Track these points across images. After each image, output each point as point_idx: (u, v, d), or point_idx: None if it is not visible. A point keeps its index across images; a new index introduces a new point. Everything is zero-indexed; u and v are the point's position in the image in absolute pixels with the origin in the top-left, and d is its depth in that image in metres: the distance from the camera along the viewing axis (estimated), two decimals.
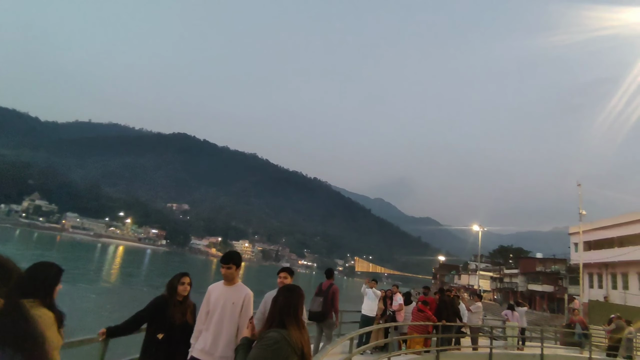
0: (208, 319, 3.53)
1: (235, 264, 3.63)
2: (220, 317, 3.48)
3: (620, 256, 30.85)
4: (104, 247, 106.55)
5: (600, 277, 35.36)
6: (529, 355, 10.98)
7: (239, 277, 3.74)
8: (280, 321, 2.42)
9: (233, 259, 3.62)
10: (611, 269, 33.49)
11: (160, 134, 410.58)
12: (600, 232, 34.79)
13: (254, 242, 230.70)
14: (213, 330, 3.45)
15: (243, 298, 3.58)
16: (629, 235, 30.88)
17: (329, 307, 6.88)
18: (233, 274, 3.62)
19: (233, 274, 3.62)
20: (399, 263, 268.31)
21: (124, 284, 38.89)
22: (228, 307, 3.51)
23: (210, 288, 3.69)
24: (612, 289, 33.19)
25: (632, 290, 30.50)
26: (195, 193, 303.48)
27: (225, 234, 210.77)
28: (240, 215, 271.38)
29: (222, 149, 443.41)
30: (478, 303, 11.60)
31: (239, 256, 3.75)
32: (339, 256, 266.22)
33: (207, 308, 3.59)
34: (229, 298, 3.55)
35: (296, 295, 2.59)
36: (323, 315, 6.80)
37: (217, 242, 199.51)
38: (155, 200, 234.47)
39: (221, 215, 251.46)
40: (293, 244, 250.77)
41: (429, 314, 8.47)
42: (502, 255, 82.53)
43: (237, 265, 3.65)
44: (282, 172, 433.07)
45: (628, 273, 31.51)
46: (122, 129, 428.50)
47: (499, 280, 66.62)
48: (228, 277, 3.61)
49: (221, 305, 3.52)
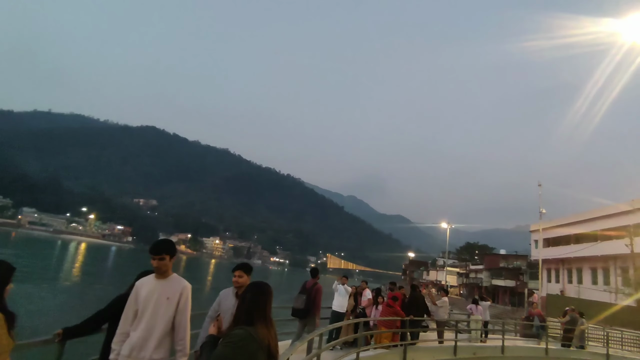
0: (137, 319, 3.09)
1: (169, 254, 3.21)
2: (153, 315, 3.07)
3: (575, 252, 32.75)
4: (64, 244, 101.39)
5: (557, 272, 37.43)
6: (491, 347, 11.47)
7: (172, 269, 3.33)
8: (248, 318, 2.39)
9: (165, 249, 3.19)
10: (567, 264, 35.52)
11: (127, 127, 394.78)
12: (558, 230, 36.79)
13: (225, 238, 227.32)
14: (143, 331, 3.03)
15: (180, 292, 3.18)
16: (583, 232, 32.81)
17: (312, 305, 7.13)
18: (166, 265, 3.18)
19: (166, 265, 3.18)
20: (370, 259, 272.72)
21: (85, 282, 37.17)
22: (162, 303, 3.11)
23: (138, 284, 3.24)
24: (568, 283, 35.23)
25: (586, 284, 32.50)
26: (165, 188, 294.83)
27: (195, 231, 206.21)
28: (211, 212, 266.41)
29: (193, 143, 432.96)
30: (444, 298, 11.98)
31: (172, 245, 3.33)
32: (312, 253, 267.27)
33: (135, 307, 3.14)
34: (163, 293, 3.13)
35: (264, 293, 2.56)
36: (306, 313, 7.08)
37: (186, 238, 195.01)
38: (121, 196, 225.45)
39: (191, 212, 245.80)
40: (265, 240, 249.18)
41: (398, 309, 8.66)
42: (469, 251, 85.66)
43: (171, 256, 3.23)
44: (255, 168, 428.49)
45: (582, 268, 33.54)
46: (85, 120, 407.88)
47: (465, 276, 69.14)
48: (160, 269, 3.16)
49: (154, 301, 3.10)
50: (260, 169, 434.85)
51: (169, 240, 3.42)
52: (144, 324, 3.05)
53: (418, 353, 9.26)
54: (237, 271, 3.99)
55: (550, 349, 12.38)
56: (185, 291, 3.21)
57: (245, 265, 4.08)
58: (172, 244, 3.36)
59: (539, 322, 14.25)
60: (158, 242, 3.29)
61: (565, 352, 12.83)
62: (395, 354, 8.59)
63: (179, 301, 3.17)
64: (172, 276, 3.26)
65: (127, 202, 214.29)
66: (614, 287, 27.36)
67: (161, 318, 3.08)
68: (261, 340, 2.33)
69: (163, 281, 3.20)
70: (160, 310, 3.10)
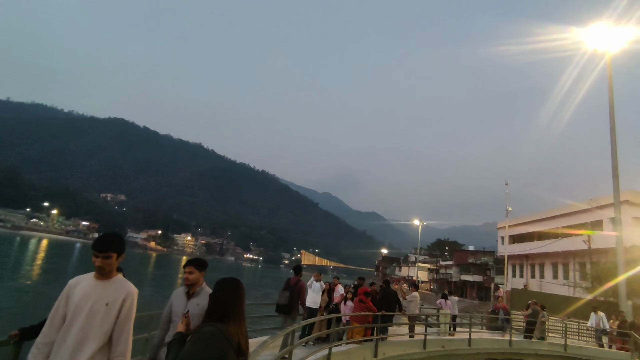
0: (65, 327, 2.47)
1: (117, 252, 2.60)
2: (86, 324, 2.43)
3: (538, 249, 34.42)
4: (24, 240, 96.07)
5: (522, 267, 39.19)
6: (458, 340, 11.86)
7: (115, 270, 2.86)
8: (220, 315, 2.35)
9: (113, 245, 2.58)
10: (531, 260, 37.27)
11: (94, 118, 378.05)
12: (523, 227, 38.51)
13: (197, 235, 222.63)
14: (72, 343, 2.40)
15: (123, 298, 2.57)
16: (545, 230, 34.50)
17: (295, 301, 7.41)
18: (111, 264, 2.58)
19: (111, 264, 2.58)
20: (344, 256, 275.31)
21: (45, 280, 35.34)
22: (99, 309, 2.48)
23: (72, 282, 2.63)
24: (531, 278, 36.98)
25: (547, 278, 34.23)
26: (134, 183, 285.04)
27: (166, 227, 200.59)
28: (183, 208, 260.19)
29: (164, 137, 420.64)
30: (414, 293, 12.26)
31: (121, 241, 2.68)
32: (286, 249, 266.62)
33: (63, 310, 2.52)
34: (102, 297, 2.51)
35: (236, 289, 2.51)
36: (289, 308, 7.34)
37: (156, 235, 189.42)
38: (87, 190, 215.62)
39: (162, 207, 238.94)
40: (239, 237, 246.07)
41: (370, 304, 8.79)
42: (439, 248, 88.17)
43: (119, 254, 2.62)
44: (228, 163, 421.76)
45: (544, 264, 35.29)
46: (47, 110, 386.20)
47: (435, 272, 71.17)
48: (104, 270, 2.56)
49: (89, 307, 2.47)
50: (234, 164, 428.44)
51: (116, 234, 2.74)
52: (73, 334, 2.44)
53: (389, 347, 9.44)
54: (187, 267, 3.52)
55: (514, 341, 12.94)
56: (129, 297, 2.60)
57: (197, 261, 3.63)
58: (120, 239, 2.70)
59: (504, 315, 14.87)
60: (104, 237, 2.66)
61: (527, 343, 13.46)
62: (367, 349, 8.71)
63: (120, 309, 2.55)
64: (116, 278, 2.65)
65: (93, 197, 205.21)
66: (572, 281, 28.95)
67: (97, 328, 2.47)
68: (232, 337, 2.29)
69: (104, 283, 2.58)
70: (96, 318, 2.48)
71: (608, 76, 18.48)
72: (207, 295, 3.21)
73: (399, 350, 9.82)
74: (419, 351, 10.30)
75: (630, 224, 23.88)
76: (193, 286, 3.49)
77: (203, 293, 3.44)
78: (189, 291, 3.51)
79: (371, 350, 8.74)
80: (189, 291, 3.51)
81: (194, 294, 3.48)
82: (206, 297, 3.19)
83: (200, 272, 3.55)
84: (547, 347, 13.49)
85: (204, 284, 3.56)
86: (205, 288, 3.51)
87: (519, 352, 13.46)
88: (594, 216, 28.72)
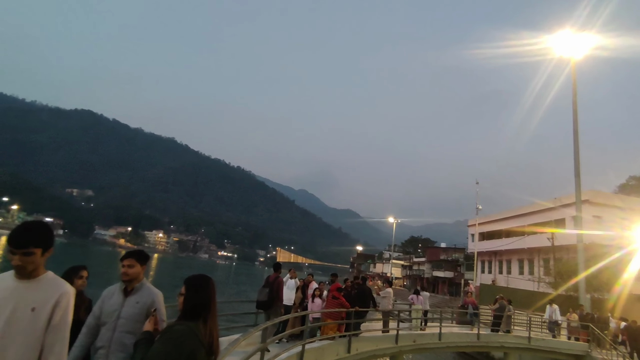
0: None
1: (41, 246, 2.07)
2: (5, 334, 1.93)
3: (506, 245, 35.77)
4: None
5: (490, 263, 40.61)
6: (429, 334, 12.17)
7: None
8: (192, 313, 2.30)
9: (35, 239, 2.07)
10: (499, 256, 38.68)
11: (60, 109, 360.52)
12: (491, 225, 39.87)
13: (169, 232, 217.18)
14: None
15: (56, 300, 2.06)
16: (512, 227, 35.89)
17: (274, 297, 7.59)
18: (35, 262, 2.06)
19: (35, 262, 2.06)
20: (320, 253, 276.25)
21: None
22: (22, 315, 1.98)
23: None
24: (499, 274, 38.40)
25: (514, 274, 35.65)
26: (103, 178, 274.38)
27: (136, 224, 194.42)
28: (155, 204, 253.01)
29: (135, 130, 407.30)
30: (388, 289, 12.47)
31: (47, 232, 2.14)
32: (261, 247, 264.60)
33: None
34: (26, 301, 2.01)
35: (207, 286, 2.46)
36: (269, 304, 7.54)
37: (126, 232, 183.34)
38: (52, 185, 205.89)
39: (133, 203, 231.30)
40: (213, 234, 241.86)
41: (343, 301, 8.87)
42: (413, 245, 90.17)
43: (45, 249, 2.10)
44: (203, 159, 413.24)
45: (511, 260, 36.73)
46: (8, 99, 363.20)
47: (408, 268, 72.65)
48: (24, 269, 2.04)
49: (8, 312, 1.97)
50: (208, 160, 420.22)
51: (40, 223, 2.17)
52: None
53: (362, 343, 9.55)
54: (127, 260, 3.02)
55: (482, 334, 13.43)
56: (64, 299, 2.09)
57: (138, 253, 3.12)
58: (46, 229, 2.15)
59: (473, 310, 15.39)
60: (23, 228, 2.10)
61: (494, 336, 13.99)
62: (340, 345, 8.78)
63: (52, 314, 2.04)
64: (44, 277, 2.12)
65: (58, 192, 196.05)
66: (537, 276, 30.29)
67: (20, 339, 1.96)
68: (202, 336, 2.24)
69: (28, 284, 2.06)
70: (19, 327, 1.97)
71: (572, 82, 19.39)
72: (148, 292, 3.03)
73: (372, 345, 9.96)
74: (391, 346, 10.49)
75: (591, 222, 25.20)
76: (132, 282, 3.01)
77: (144, 290, 3.04)
78: (126, 288, 3.01)
79: (344, 346, 8.82)
80: (126, 288, 3.01)
81: (132, 290, 3.00)
82: (148, 295, 3.02)
83: (142, 265, 3.08)
84: (512, 339, 14.07)
85: (144, 280, 3.12)
86: (146, 284, 3.10)
87: (486, 344, 14.00)
88: (558, 214, 30.07)
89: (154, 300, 3.02)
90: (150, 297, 3.02)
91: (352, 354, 8.93)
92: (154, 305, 2.97)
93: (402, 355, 11.97)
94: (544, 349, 14.60)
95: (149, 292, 3.06)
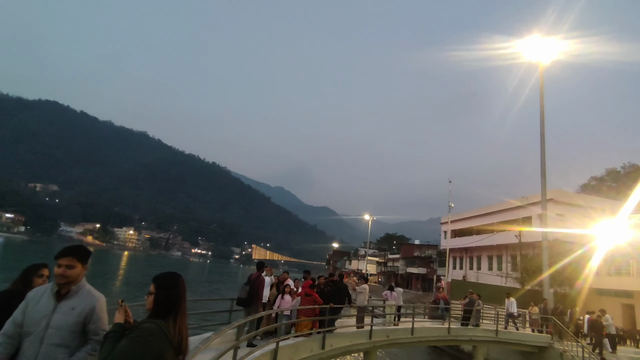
0: None
1: None
2: None
3: (476, 242, 36.96)
4: None
5: (462, 259, 41.87)
6: (402, 329, 12.41)
7: None
8: (162, 312, 2.23)
9: None
10: (470, 253, 39.92)
11: (21, 99, 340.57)
12: (463, 222, 41.10)
13: (140, 229, 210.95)
14: None
15: None
16: (482, 225, 37.13)
17: (254, 295, 7.73)
18: None
19: None
20: (296, 250, 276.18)
21: None
22: None
23: None
24: (469, 270, 39.65)
25: (483, 270, 36.91)
26: (70, 173, 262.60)
27: (105, 221, 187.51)
28: (125, 200, 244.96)
29: (104, 123, 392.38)
30: (364, 285, 12.61)
31: None
32: (236, 244, 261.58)
33: None
34: None
35: (177, 284, 2.38)
36: (248, 302, 7.67)
37: (94, 228, 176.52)
38: (13, 179, 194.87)
39: (102, 200, 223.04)
40: (186, 231, 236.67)
41: (316, 297, 8.89)
42: (388, 242, 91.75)
43: None
44: (176, 154, 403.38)
45: (481, 256, 37.99)
46: None
47: (383, 265, 73.82)
48: None
49: None
50: (182, 155, 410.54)
51: None
52: None
53: (336, 339, 9.60)
54: (64, 258, 2.47)
55: (452, 328, 13.83)
56: None
57: (77, 250, 2.55)
58: None
59: (444, 305, 15.81)
60: None
61: (464, 330, 14.46)
62: (315, 341, 8.79)
63: None
64: None
65: (20, 187, 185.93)
66: (505, 272, 31.48)
67: None
68: (171, 335, 2.18)
69: None
70: None
71: (540, 86, 20.20)
72: (88, 297, 2.50)
73: (346, 341, 10.04)
74: (365, 341, 10.61)
75: (555, 220, 26.41)
76: (68, 284, 2.47)
77: (82, 293, 2.50)
78: (59, 291, 2.46)
79: (319, 343, 8.84)
80: (59, 291, 2.46)
81: (67, 294, 2.46)
82: (87, 299, 2.48)
83: (83, 265, 2.53)
84: (481, 332, 14.58)
85: (83, 282, 2.56)
86: (85, 287, 2.54)
87: (456, 338, 14.43)
88: (525, 213, 31.33)
89: (94, 307, 2.47)
90: (89, 303, 2.47)
91: (327, 350, 8.97)
92: (95, 313, 2.45)
93: (376, 350, 12.15)
94: (510, 341, 15.23)
95: (89, 297, 2.50)
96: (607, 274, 21.47)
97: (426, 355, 21.22)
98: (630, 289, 20.19)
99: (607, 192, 38.92)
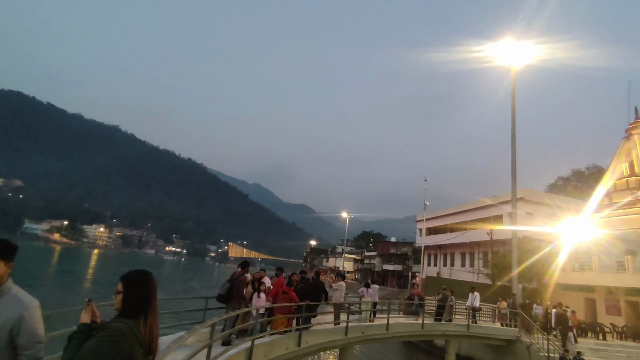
0: None
1: None
2: None
3: (449, 240, 37.92)
4: None
5: (436, 257, 42.81)
6: (377, 325, 12.59)
7: None
8: (131, 311, 2.15)
9: None
10: (444, 250, 40.88)
11: None
12: (437, 220, 42.03)
13: (112, 226, 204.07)
14: None
15: None
16: (456, 223, 38.10)
17: (234, 292, 7.89)
18: None
19: None
20: (273, 248, 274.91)
21: None
22: None
23: None
24: (443, 266, 40.61)
25: (457, 266, 37.91)
26: (36, 168, 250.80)
27: (74, 217, 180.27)
28: (96, 196, 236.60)
29: (73, 116, 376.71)
30: (341, 282, 12.70)
31: None
32: (212, 242, 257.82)
33: None
34: None
35: (147, 283, 2.31)
36: (227, 299, 7.86)
37: (62, 226, 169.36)
38: None
39: (70, 196, 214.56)
40: (161, 229, 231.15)
41: (292, 295, 8.88)
42: (364, 239, 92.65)
43: None
44: (150, 149, 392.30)
45: (455, 253, 38.99)
46: None
47: (360, 262, 74.56)
48: None
49: None
50: (156, 150, 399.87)
51: None
52: None
53: (312, 336, 9.63)
54: None
55: (426, 323, 14.18)
56: None
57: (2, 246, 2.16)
58: None
59: (418, 301, 16.16)
60: None
61: (437, 325, 14.84)
62: (291, 339, 8.79)
63: None
64: None
65: None
66: (476, 268, 32.47)
67: None
68: (142, 335, 2.10)
69: None
70: None
71: (512, 89, 20.90)
72: (15, 303, 2.11)
73: (322, 338, 10.09)
74: (340, 338, 10.70)
75: (524, 218, 27.44)
76: None
77: (8, 299, 2.10)
78: None
79: (295, 340, 8.84)
80: None
81: None
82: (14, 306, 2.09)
83: (6, 264, 2.11)
84: (453, 327, 15.01)
85: (9, 284, 2.15)
86: (11, 290, 2.13)
87: (429, 333, 14.81)
88: (497, 211, 32.38)
89: (21, 315, 2.05)
90: (16, 311, 2.05)
91: (303, 347, 8.99)
92: (24, 322, 2.05)
93: (352, 346, 12.28)
94: (480, 335, 15.78)
95: (16, 303, 2.08)
96: (571, 269, 22.48)
97: (400, 351, 21.65)
98: (592, 283, 21.24)
99: (573, 192, 40.76)
